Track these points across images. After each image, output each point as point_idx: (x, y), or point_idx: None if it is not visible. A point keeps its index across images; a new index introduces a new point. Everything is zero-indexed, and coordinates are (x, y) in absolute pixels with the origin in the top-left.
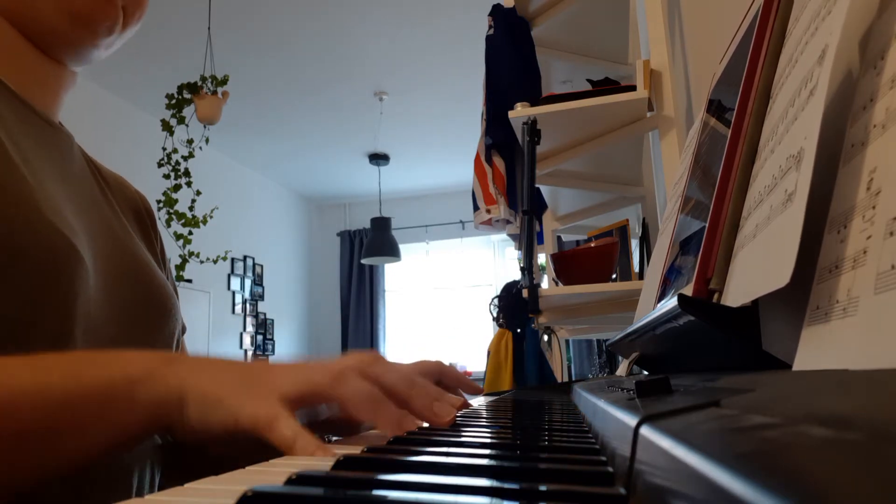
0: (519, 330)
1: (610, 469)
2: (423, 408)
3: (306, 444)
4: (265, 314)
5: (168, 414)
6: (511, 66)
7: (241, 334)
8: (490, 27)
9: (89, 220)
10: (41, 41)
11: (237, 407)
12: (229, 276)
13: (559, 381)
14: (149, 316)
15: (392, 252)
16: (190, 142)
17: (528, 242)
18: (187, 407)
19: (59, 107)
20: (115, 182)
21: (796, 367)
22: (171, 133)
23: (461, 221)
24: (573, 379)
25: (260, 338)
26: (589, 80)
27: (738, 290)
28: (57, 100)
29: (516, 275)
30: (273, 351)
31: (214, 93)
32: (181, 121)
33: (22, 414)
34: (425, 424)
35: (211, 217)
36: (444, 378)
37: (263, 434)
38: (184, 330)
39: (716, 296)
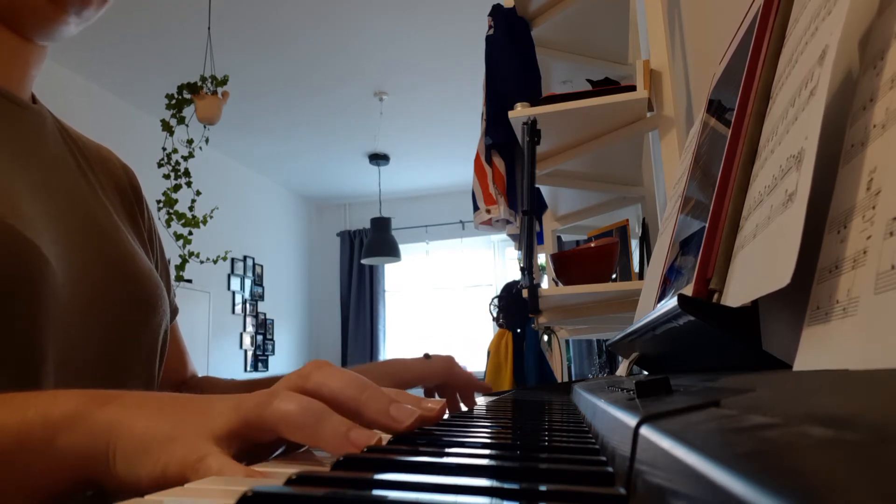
0: (519, 330)
1: (610, 469)
2: (379, 413)
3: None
4: (265, 314)
5: (96, 466)
6: (511, 66)
7: (241, 334)
8: (490, 27)
9: (62, 206)
10: (11, 18)
11: (167, 456)
12: (229, 276)
13: (559, 381)
14: (131, 311)
15: (392, 252)
16: (190, 142)
17: (528, 242)
18: (115, 458)
19: (29, 84)
20: (99, 158)
21: (796, 367)
22: (171, 133)
23: (461, 221)
24: (573, 379)
25: (260, 338)
26: (589, 80)
27: (738, 291)
28: (26, 77)
29: (516, 275)
30: (273, 351)
31: (214, 93)
32: (181, 121)
33: None
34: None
35: (211, 217)
36: (452, 379)
37: (191, 478)
38: (175, 313)
39: (716, 296)
